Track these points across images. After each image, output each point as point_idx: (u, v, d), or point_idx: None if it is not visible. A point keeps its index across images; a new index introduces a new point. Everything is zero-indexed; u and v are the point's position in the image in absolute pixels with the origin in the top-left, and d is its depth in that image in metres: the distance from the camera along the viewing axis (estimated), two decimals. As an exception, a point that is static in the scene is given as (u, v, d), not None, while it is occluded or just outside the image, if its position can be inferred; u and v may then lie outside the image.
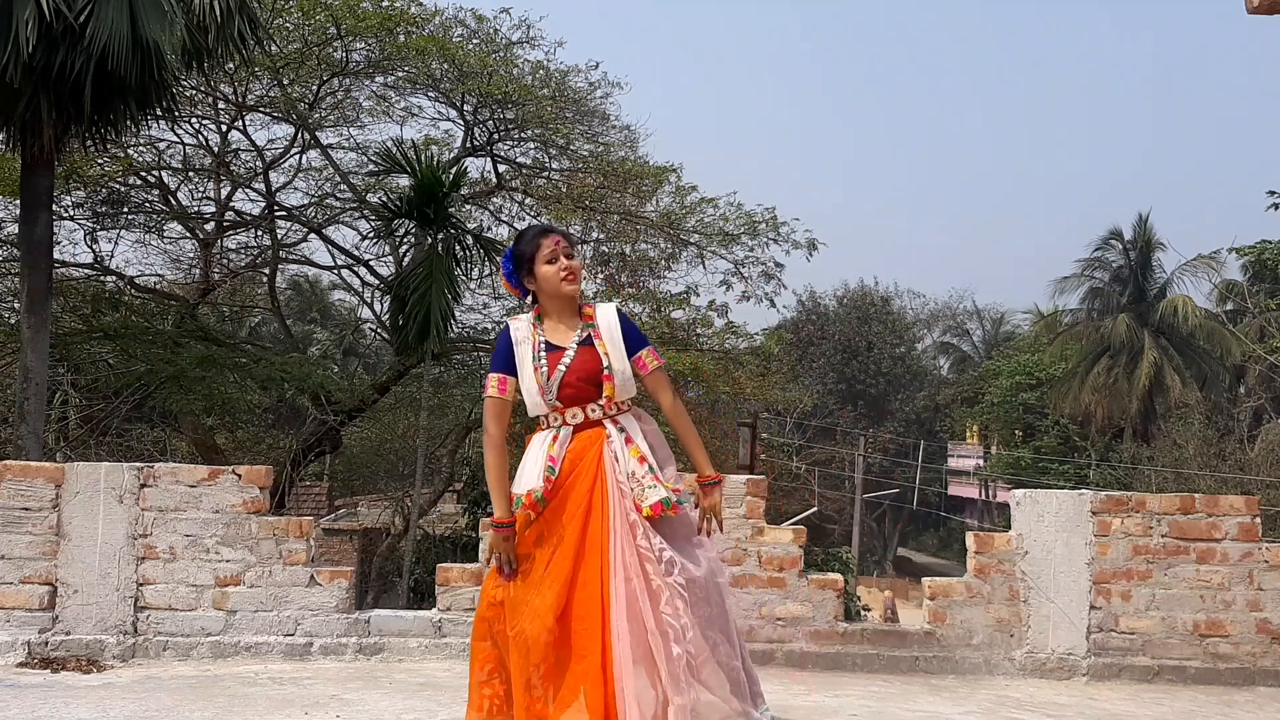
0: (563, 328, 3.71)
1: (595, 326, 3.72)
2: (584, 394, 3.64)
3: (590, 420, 3.66)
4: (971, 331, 48.43)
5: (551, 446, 3.63)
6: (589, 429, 3.66)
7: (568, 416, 3.66)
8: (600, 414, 3.66)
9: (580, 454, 3.62)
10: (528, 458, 3.69)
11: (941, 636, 5.94)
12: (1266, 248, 26.38)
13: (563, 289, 3.68)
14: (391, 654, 5.88)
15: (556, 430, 3.66)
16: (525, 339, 3.69)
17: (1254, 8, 3.66)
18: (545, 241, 3.68)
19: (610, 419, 3.67)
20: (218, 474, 5.94)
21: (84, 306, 14.22)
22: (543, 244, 3.68)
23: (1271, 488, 17.40)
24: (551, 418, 3.68)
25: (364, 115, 15.76)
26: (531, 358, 3.65)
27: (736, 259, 16.81)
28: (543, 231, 3.74)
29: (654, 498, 3.53)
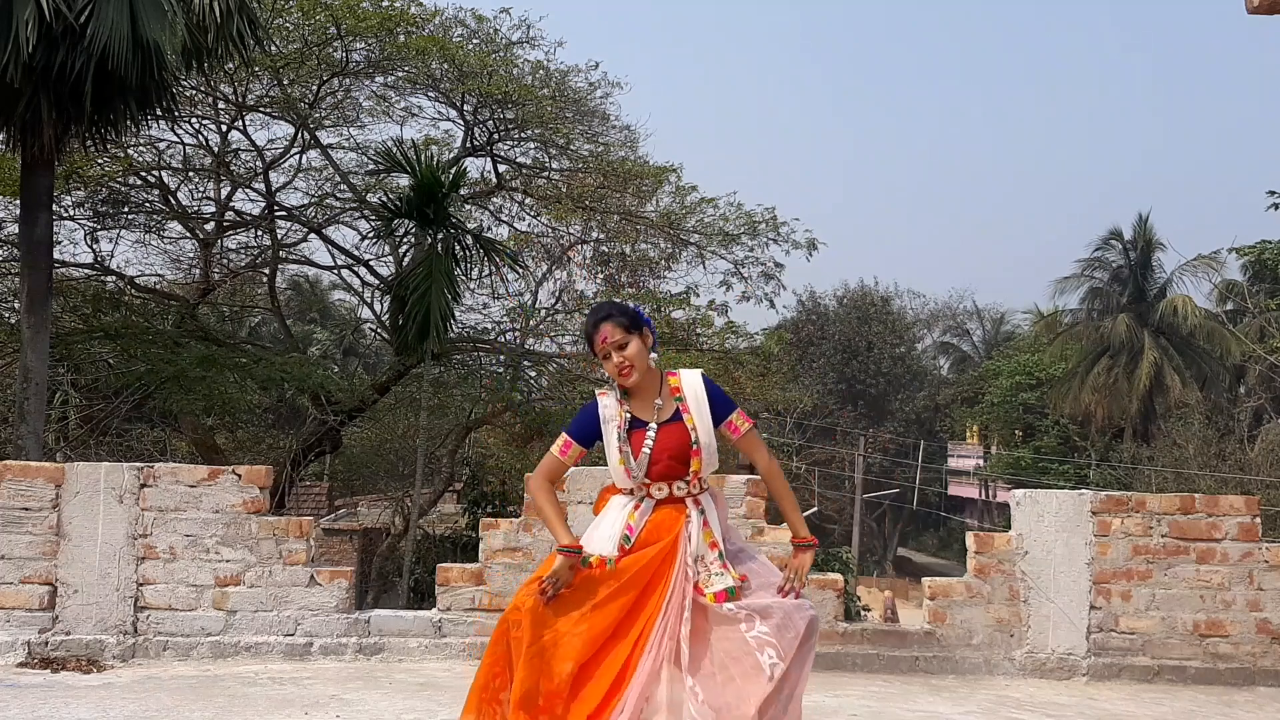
0: (648, 403, 3.69)
1: (683, 400, 3.70)
2: (671, 471, 3.63)
3: (674, 497, 3.66)
4: (971, 331, 48.42)
5: (632, 515, 3.63)
6: (671, 505, 3.65)
7: (653, 490, 3.65)
8: (684, 491, 3.66)
9: (658, 529, 3.62)
10: (604, 519, 3.67)
11: (941, 636, 5.94)
12: (1266, 248, 26.37)
13: (622, 383, 3.67)
14: (391, 654, 5.88)
15: (639, 500, 3.65)
16: (612, 418, 3.67)
17: (1254, 8, 3.66)
18: (595, 337, 3.66)
19: (693, 498, 3.66)
20: (218, 474, 5.94)
21: (84, 306, 14.22)
22: (594, 340, 3.67)
23: (1271, 488, 17.40)
24: (636, 490, 3.67)
25: (364, 115, 15.77)
26: (618, 438, 3.63)
27: (736, 259, 16.83)
28: (594, 324, 3.69)
29: (719, 585, 3.53)
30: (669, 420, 3.66)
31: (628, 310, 3.76)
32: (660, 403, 3.68)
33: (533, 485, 3.78)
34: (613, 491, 3.75)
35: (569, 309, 17.23)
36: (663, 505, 3.65)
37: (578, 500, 5.96)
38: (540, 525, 5.98)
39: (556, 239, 17.24)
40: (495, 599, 5.93)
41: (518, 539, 5.99)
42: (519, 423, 15.70)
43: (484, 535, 6.05)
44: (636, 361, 3.63)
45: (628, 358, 3.63)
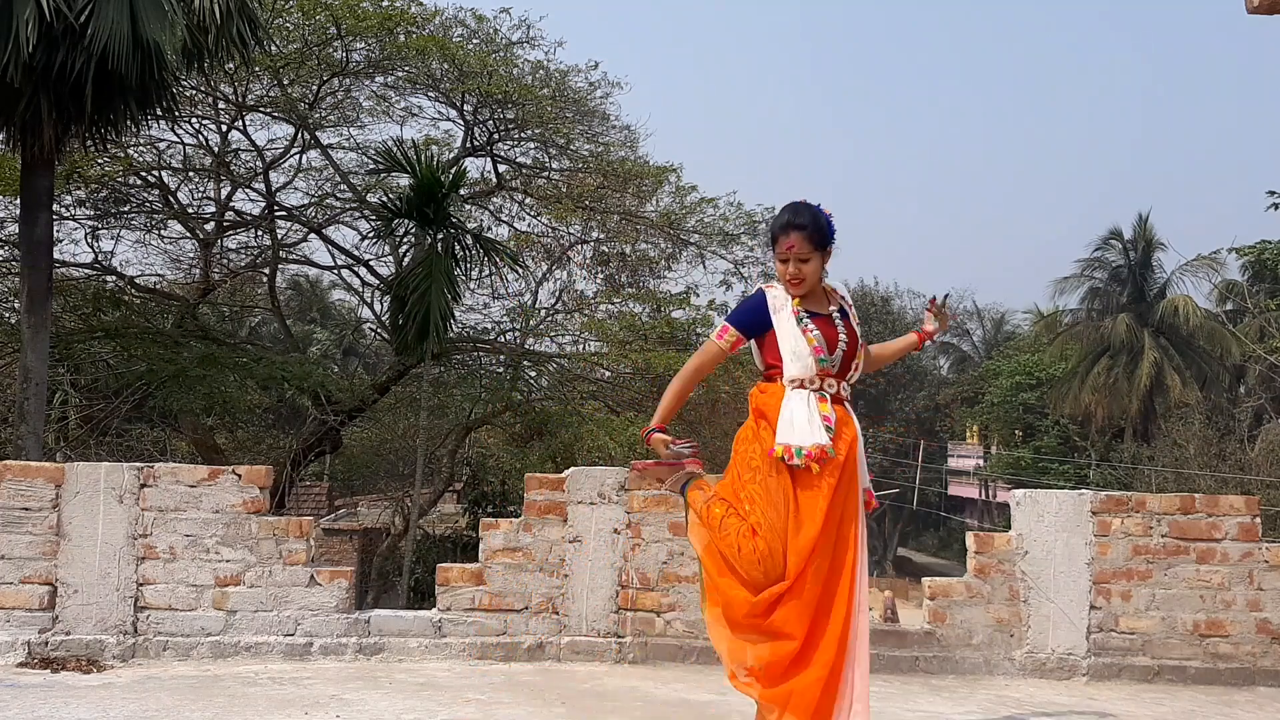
0: (815, 302, 3.72)
1: (846, 301, 3.80)
2: (842, 366, 3.67)
3: (840, 395, 3.66)
4: (971, 331, 48.42)
5: (823, 406, 3.57)
6: (838, 404, 3.65)
7: (826, 385, 3.62)
8: (847, 392, 3.70)
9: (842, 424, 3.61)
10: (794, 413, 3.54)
11: (941, 636, 5.94)
12: (1266, 248, 26.38)
13: (789, 291, 3.68)
14: (391, 654, 5.88)
15: (819, 394, 3.60)
16: (783, 306, 3.65)
17: (1254, 8, 3.66)
18: (782, 239, 3.64)
19: (847, 401, 3.70)
20: (218, 474, 5.94)
21: (84, 306, 14.22)
22: (780, 240, 3.65)
23: (1271, 488, 17.39)
24: (811, 382, 3.60)
25: (364, 115, 15.79)
26: (797, 321, 3.61)
27: (736, 259, 16.84)
28: (785, 226, 3.65)
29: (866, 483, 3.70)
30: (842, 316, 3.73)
31: (821, 225, 3.68)
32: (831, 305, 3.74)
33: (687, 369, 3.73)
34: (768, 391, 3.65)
35: (569, 309, 17.24)
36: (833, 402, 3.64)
37: (577, 500, 5.96)
38: (541, 525, 5.97)
39: (556, 239, 17.25)
40: (495, 599, 5.93)
41: (518, 539, 5.99)
42: (519, 423, 15.70)
43: (484, 535, 6.05)
44: (810, 278, 3.65)
45: (804, 272, 3.63)
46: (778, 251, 3.66)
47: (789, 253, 3.62)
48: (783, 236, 3.64)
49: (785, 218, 3.68)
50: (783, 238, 3.64)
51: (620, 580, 5.91)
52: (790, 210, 3.70)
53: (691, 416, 16.59)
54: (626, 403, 15.92)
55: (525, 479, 6.12)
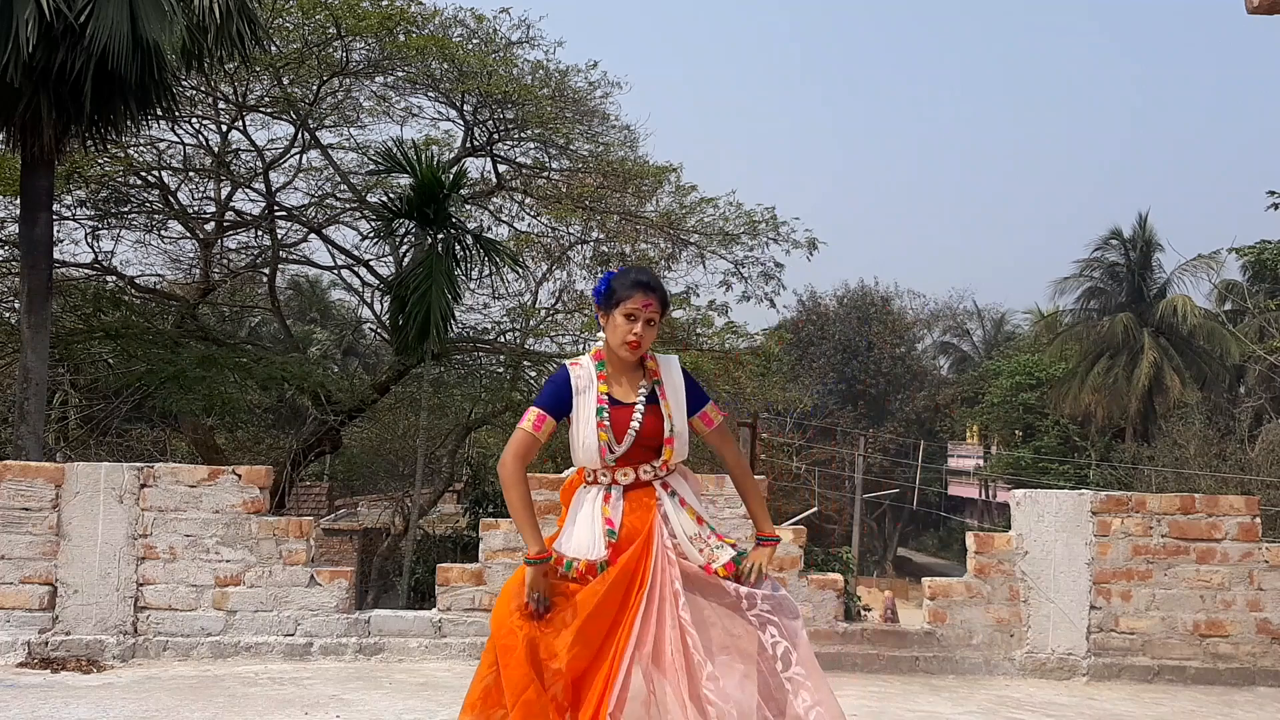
0: (625, 380, 3.55)
1: (661, 384, 3.56)
2: (641, 456, 3.49)
3: (641, 481, 3.51)
4: (971, 331, 48.41)
5: (606, 508, 3.47)
6: (639, 489, 3.51)
7: (618, 475, 3.49)
8: (651, 475, 3.51)
9: (634, 517, 3.47)
10: (579, 517, 3.50)
11: (941, 636, 5.94)
12: (1266, 248, 26.36)
13: (620, 352, 3.50)
14: (391, 654, 5.88)
15: (606, 489, 3.49)
16: (588, 388, 3.50)
17: (1254, 8, 3.66)
18: (637, 297, 3.47)
19: (660, 481, 3.53)
20: (218, 474, 5.94)
21: (84, 306, 14.21)
22: (634, 297, 3.47)
23: (1271, 488, 17.39)
24: (601, 474, 3.51)
25: (364, 115, 15.78)
26: (594, 411, 3.47)
27: (736, 259, 16.83)
28: (644, 285, 3.51)
29: (725, 557, 3.45)
30: (646, 402, 3.52)
31: (665, 294, 3.63)
32: (642, 384, 3.54)
33: (507, 472, 3.50)
34: (575, 485, 3.59)
35: (569, 309, 17.23)
36: (630, 491, 3.50)
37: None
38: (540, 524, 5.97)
39: (556, 239, 17.25)
40: (495, 599, 5.92)
41: (518, 539, 5.98)
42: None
43: (484, 535, 6.05)
44: (647, 344, 3.51)
45: (646, 338, 3.50)
46: (627, 308, 3.47)
47: (643, 310, 3.46)
48: (635, 293, 3.48)
49: (634, 277, 3.55)
50: (638, 294, 3.47)
51: (620, 580, 5.90)
52: (640, 272, 3.62)
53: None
54: (626, 403, 15.87)
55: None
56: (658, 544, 3.43)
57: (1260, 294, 26.50)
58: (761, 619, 3.40)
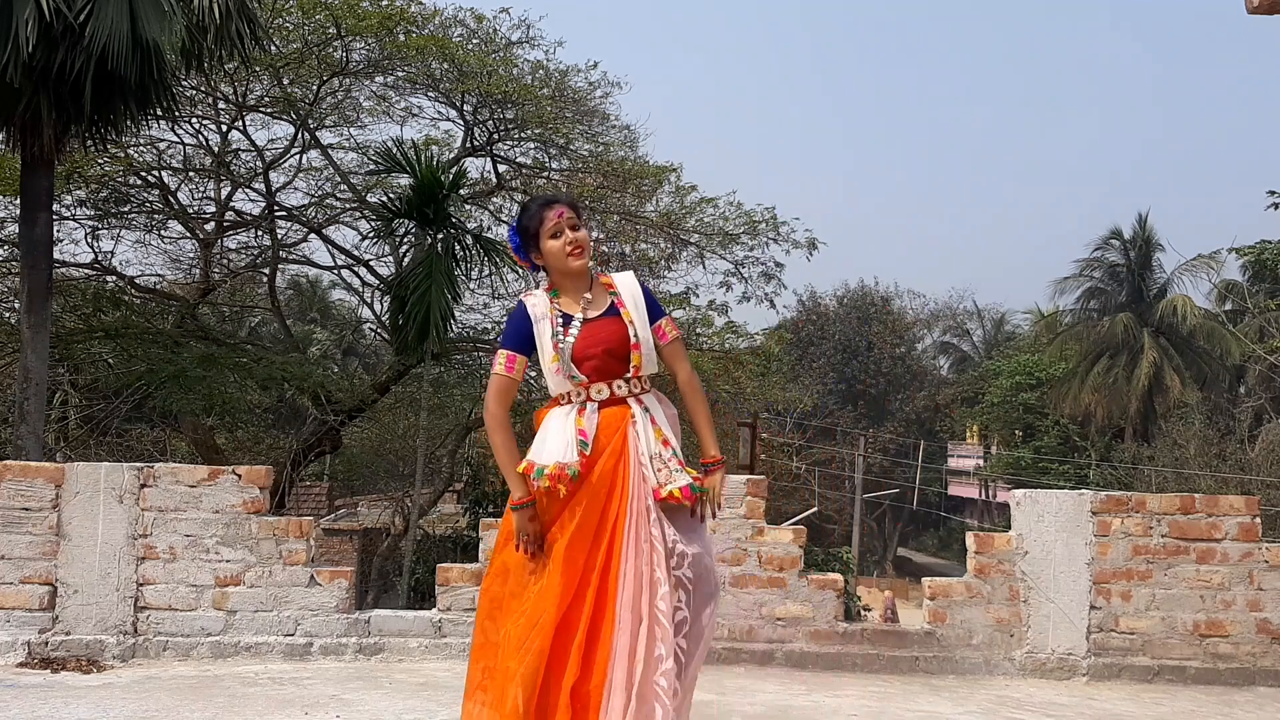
0: (578, 299, 3.52)
1: (618, 295, 3.54)
2: (609, 368, 3.45)
3: (616, 397, 3.47)
4: (971, 331, 48.42)
5: (580, 419, 3.43)
6: (614, 406, 3.47)
7: (592, 392, 3.46)
8: (625, 390, 3.48)
9: (608, 430, 3.43)
10: (549, 431, 3.45)
11: (941, 636, 5.94)
12: (1266, 248, 26.36)
13: (569, 265, 3.48)
14: (391, 654, 5.88)
15: (581, 405, 3.46)
16: (543, 315, 3.48)
17: (1254, 8, 3.66)
18: (548, 214, 3.47)
19: (635, 397, 3.49)
20: (218, 474, 5.94)
21: (84, 306, 14.21)
22: (546, 216, 3.47)
23: (1272, 488, 17.39)
24: (575, 394, 3.47)
25: (364, 115, 15.78)
26: (550, 333, 3.45)
27: (736, 259, 16.83)
28: (545, 203, 3.52)
29: (680, 482, 3.40)
30: (604, 314, 3.50)
31: (573, 200, 3.63)
32: (590, 297, 3.51)
33: (490, 416, 3.51)
34: (550, 407, 3.56)
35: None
36: (605, 407, 3.46)
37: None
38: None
39: (556, 239, 17.23)
40: (495, 599, 5.93)
41: (518, 539, 5.99)
42: (519, 423, 15.67)
43: (484, 535, 6.05)
44: (586, 245, 3.49)
45: (580, 239, 3.47)
46: (546, 230, 3.47)
47: (561, 220, 3.46)
48: (547, 211, 3.48)
49: (538, 200, 3.58)
50: (548, 212, 3.48)
51: (620, 580, 5.91)
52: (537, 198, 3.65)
53: (691, 416, 16.56)
54: (626, 402, 15.88)
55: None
56: (633, 459, 3.41)
57: (1260, 294, 26.50)
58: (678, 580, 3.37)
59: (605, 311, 3.51)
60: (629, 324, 3.49)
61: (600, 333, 3.47)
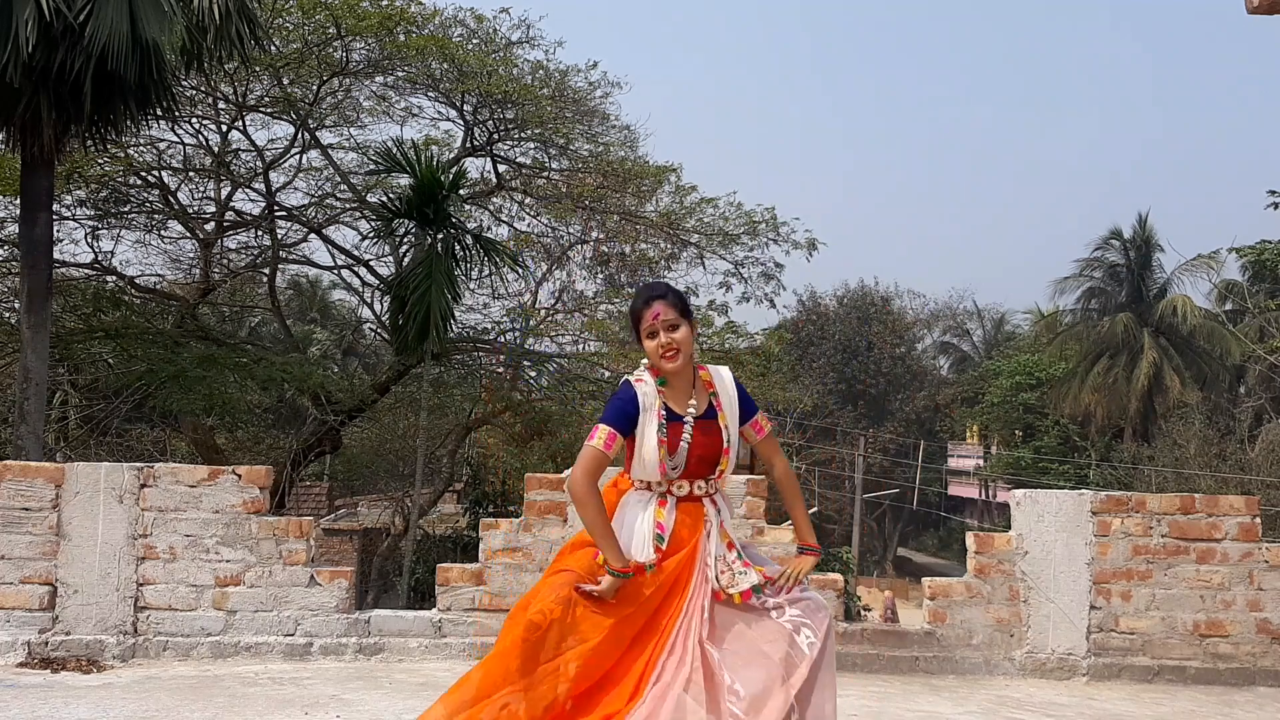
0: (681, 394, 3.55)
1: (717, 396, 3.57)
2: (698, 470, 3.52)
3: (694, 495, 3.53)
4: (971, 331, 48.40)
5: (659, 512, 3.49)
6: (691, 503, 3.53)
7: (674, 488, 3.52)
8: (704, 490, 3.54)
9: (684, 529, 3.49)
10: (626, 521, 3.50)
11: (941, 636, 5.94)
12: (1266, 248, 26.38)
13: (664, 366, 3.51)
14: (391, 654, 5.88)
15: (661, 497, 3.51)
16: (652, 405, 3.50)
17: (1254, 8, 3.66)
18: (645, 314, 3.49)
19: (709, 497, 3.55)
20: (218, 474, 5.94)
21: (84, 306, 14.21)
22: (644, 316, 3.50)
23: (1271, 488, 17.39)
24: (658, 484, 3.53)
25: (364, 115, 15.78)
26: (657, 427, 3.47)
27: (736, 259, 16.84)
28: (646, 301, 3.52)
29: (745, 584, 3.42)
30: (704, 416, 3.53)
31: (681, 295, 3.60)
32: (694, 398, 3.54)
33: (579, 490, 3.46)
34: (619, 489, 3.61)
35: (569, 309, 17.24)
36: (683, 503, 3.52)
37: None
38: (541, 524, 5.98)
39: (556, 239, 17.25)
40: (495, 599, 5.93)
41: (518, 539, 5.99)
42: (519, 423, 15.69)
43: (484, 535, 6.05)
44: (684, 346, 3.49)
45: (677, 340, 3.49)
46: (644, 328, 3.50)
47: (655, 322, 3.47)
48: (645, 310, 3.50)
49: (643, 294, 3.57)
50: (646, 311, 3.49)
51: (620, 580, 5.90)
52: (645, 287, 3.66)
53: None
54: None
55: (525, 479, 6.13)
56: (700, 559, 3.46)
57: (1260, 294, 26.51)
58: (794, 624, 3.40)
59: (705, 413, 3.55)
60: (724, 428, 3.53)
61: (700, 436, 3.51)
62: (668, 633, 3.38)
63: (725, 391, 3.59)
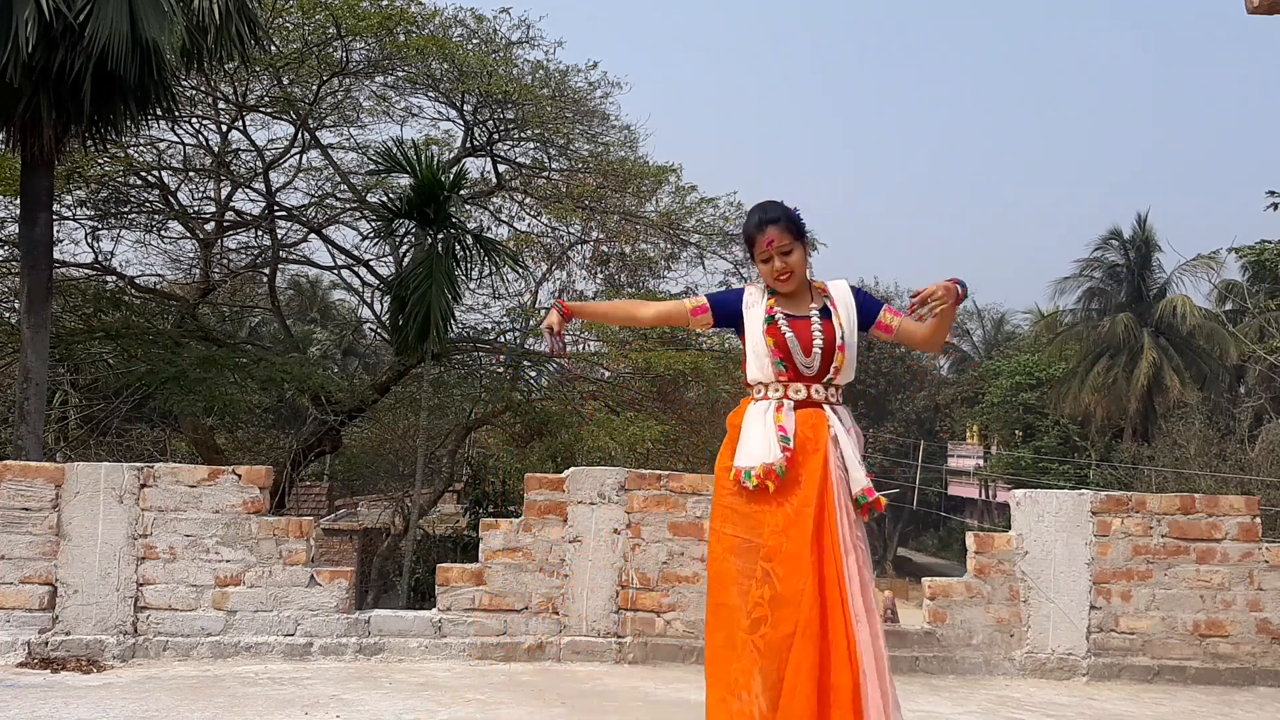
0: (795, 303, 3.57)
1: (831, 299, 3.57)
2: (814, 371, 3.50)
3: (812, 400, 3.50)
4: (972, 331, 48.39)
5: (779, 415, 3.46)
6: (809, 408, 3.50)
7: (790, 391, 3.49)
8: (823, 395, 3.51)
9: (808, 428, 3.45)
10: (749, 429, 3.47)
11: (941, 636, 5.94)
12: (1266, 248, 26.36)
13: (779, 288, 3.56)
14: (391, 654, 5.87)
15: (779, 402, 3.49)
16: (757, 303, 3.56)
17: (1254, 8, 3.66)
18: (760, 239, 3.53)
19: (830, 404, 3.52)
20: (218, 474, 5.94)
21: (84, 306, 14.21)
22: (757, 240, 3.53)
23: (1272, 488, 17.38)
24: (773, 388, 3.51)
25: (364, 115, 15.79)
26: (764, 320, 3.51)
27: (736, 259, 16.84)
28: (759, 225, 3.54)
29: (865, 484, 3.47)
30: (818, 315, 3.54)
31: (795, 217, 3.58)
32: (813, 303, 3.56)
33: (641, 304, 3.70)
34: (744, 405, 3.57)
35: (569, 309, 17.20)
36: (801, 408, 3.49)
37: (577, 500, 5.96)
38: (541, 525, 5.98)
39: (556, 239, 17.26)
40: (495, 599, 5.93)
41: (518, 539, 5.99)
42: (519, 423, 15.70)
43: (484, 535, 6.05)
44: (797, 269, 3.52)
45: (790, 264, 3.51)
46: (758, 253, 3.55)
47: (770, 249, 3.51)
48: (759, 235, 3.54)
49: (755, 217, 3.58)
50: (759, 236, 3.53)
51: (620, 580, 5.91)
52: (758, 209, 3.62)
53: (692, 417, 16.60)
54: (626, 403, 15.92)
55: (525, 479, 6.13)
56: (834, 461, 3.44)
57: (1260, 294, 26.49)
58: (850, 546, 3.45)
59: (820, 313, 3.55)
60: (838, 326, 3.52)
61: (810, 330, 3.50)
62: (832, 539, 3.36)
63: (841, 298, 3.58)
